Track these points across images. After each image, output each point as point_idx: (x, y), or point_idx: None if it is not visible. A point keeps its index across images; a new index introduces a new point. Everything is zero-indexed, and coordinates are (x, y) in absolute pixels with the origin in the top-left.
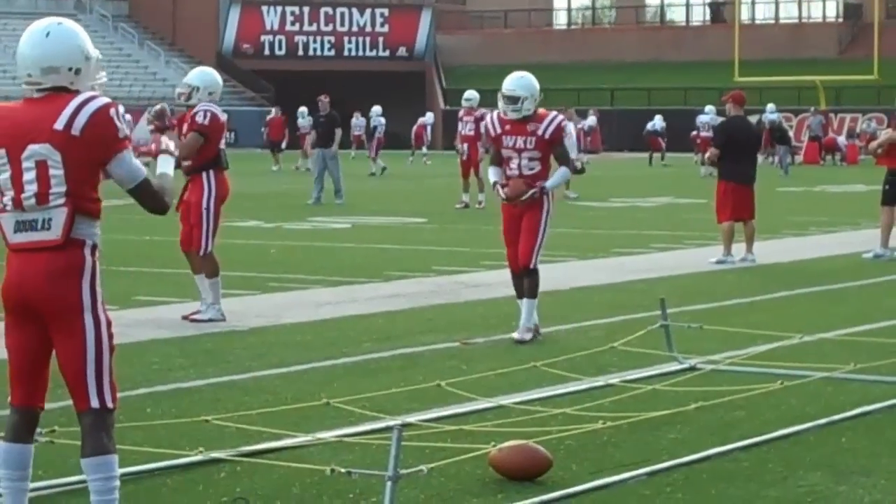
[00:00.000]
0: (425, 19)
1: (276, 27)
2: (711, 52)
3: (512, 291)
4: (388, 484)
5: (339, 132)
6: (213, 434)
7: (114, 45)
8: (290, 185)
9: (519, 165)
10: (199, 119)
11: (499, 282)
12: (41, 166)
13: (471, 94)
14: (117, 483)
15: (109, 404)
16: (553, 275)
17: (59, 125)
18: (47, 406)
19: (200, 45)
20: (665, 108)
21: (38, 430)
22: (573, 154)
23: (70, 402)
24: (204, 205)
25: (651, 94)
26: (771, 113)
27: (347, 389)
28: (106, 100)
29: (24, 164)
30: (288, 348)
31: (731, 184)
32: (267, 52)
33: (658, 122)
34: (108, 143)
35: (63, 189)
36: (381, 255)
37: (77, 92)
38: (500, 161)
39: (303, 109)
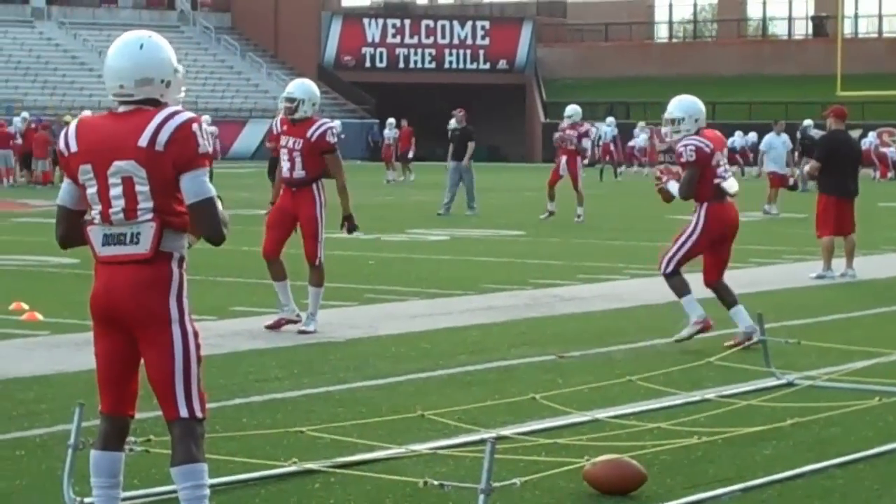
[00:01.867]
0: (526, 32)
1: (377, 39)
2: (813, 66)
3: (609, 305)
4: (481, 497)
5: (471, 145)
6: (307, 445)
7: (216, 56)
8: (390, 197)
9: None
10: (330, 139)
11: (594, 295)
12: (127, 182)
13: (572, 110)
14: (206, 492)
15: (198, 414)
16: (649, 288)
17: (143, 142)
18: (142, 415)
19: (302, 57)
20: (767, 121)
21: (133, 439)
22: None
23: (158, 412)
24: (318, 216)
25: (752, 108)
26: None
27: (441, 402)
28: (189, 114)
29: (111, 180)
30: (383, 360)
31: (833, 198)
32: (368, 64)
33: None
34: (188, 157)
35: (150, 205)
36: (478, 267)
37: (162, 106)
38: None
39: (391, 121)
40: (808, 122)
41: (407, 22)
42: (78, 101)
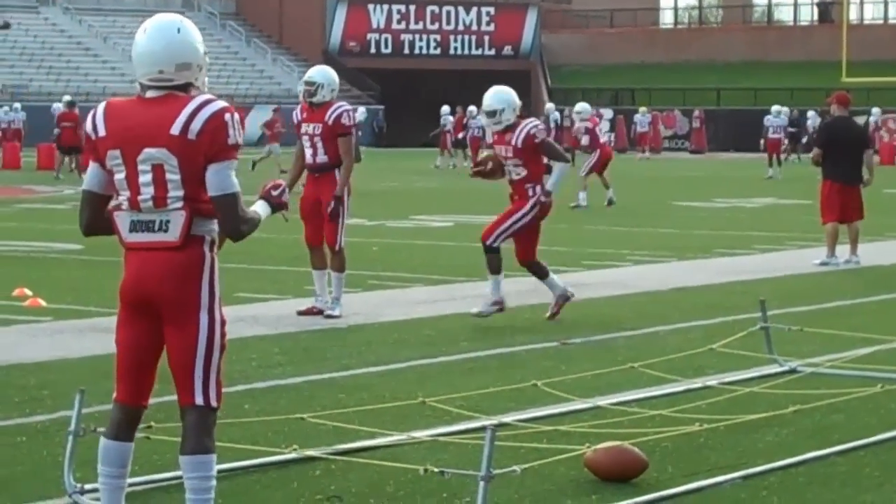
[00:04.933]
0: (531, 18)
1: (382, 25)
2: (818, 52)
3: (612, 291)
4: (481, 484)
5: None
6: (309, 432)
7: (221, 42)
8: (394, 183)
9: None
10: (345, 122)
11: (599, 282)
12: (157, 170)
13: (582, 107)
14: (214, 483)
15: (213, 403)
16: (652, 275)
17: (176, 130)
18: None
19: (307, 43)
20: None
21: None
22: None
23: (168, 398)
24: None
25: (757, 94)
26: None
27: (443, 388)
28: (223, 103)
29: (140, 167)
30: (385, 346)
31: (836, 184)
32: (373, 50)
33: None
34: (217, 147)
35: (181, 193)
36: (481, 253)
37: (195, 92)
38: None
39: (445, 108)
40: (775, 108)
41: (412, 8)
42: (83, 87)
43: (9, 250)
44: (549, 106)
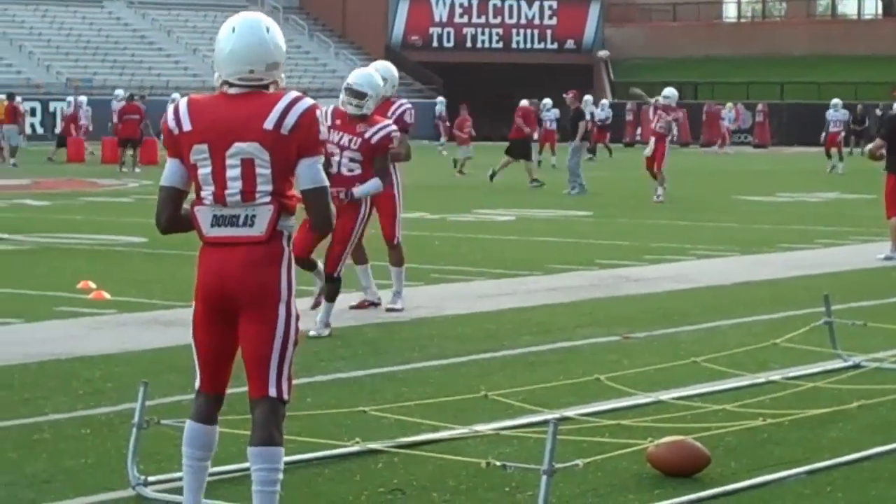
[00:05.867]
0: (594, 12)
1: (444, 19)
2: (883, 46)
3: (674, 285)
4: (544, 478)
5: (582, 124)
6: (372, 425)
7: (284, 36)
8: (455, 178)
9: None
10: (408, 119)
11: (661, 276)
12: (247, 164)
13: (670, 91)
14: (281, 476)
15: (285, 395)
16: (715, 269)
17: (269, 124)
18: None
19: (369, 37)
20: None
21: None
22: None
23: (232, 390)
24: (394, 194)
25: (821, 88)
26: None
27: (506, 382)
28: (312, 101)
29: (229, 161)
30: (447, 340)
31: None
32: (435, 44)
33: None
34: (310, 143)
35: (269, 188)
36: (544, 247)
37: (279, 89)
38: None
39: (547, 101)
40: (834, 101)
41: (475, 2)
42: (147, 80)
43: (74, 243)
44: (588, 98)
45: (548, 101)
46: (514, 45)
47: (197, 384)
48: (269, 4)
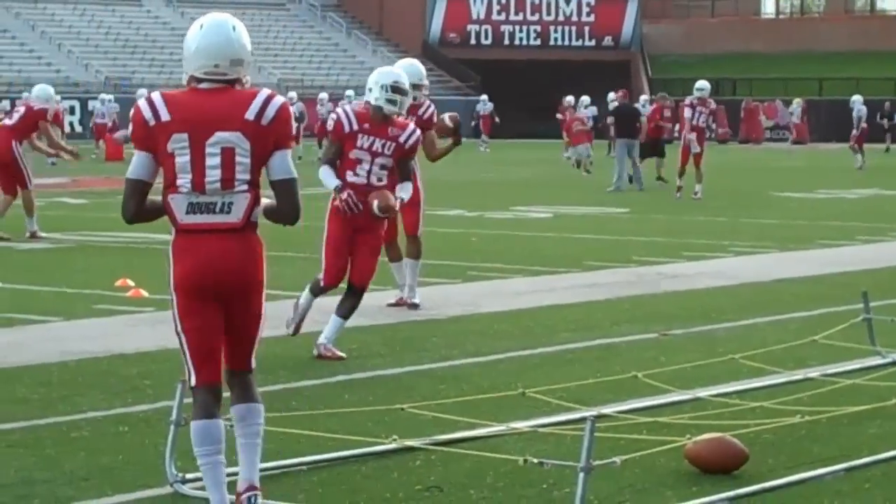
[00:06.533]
0: (631, 8)
1: (482, 16)
2: None
3: (712, 282)
4: (581, 475)
5: (643, 122)
6: (409, 422)
7: (322, 34)
8: (494, 174)
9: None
10: (435, 121)
11: (698, 273)
12: (227, 153)
13: (703, 84)
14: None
15: (254, 365)
16: (753, 266)
17: (251, 115)
18: None
19: (407, 35)
20: (875, 98)
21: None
22: None
23: (266, 388)
24: (417, 187)
25: (860, 83)
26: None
27: (543, 379)
28: (284, 98)
29: (209, 150)
30: (485, 337)
31: None
32: (473, 41)
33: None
34: (285, 136)
35: (248, 177)
36: (581, 244)
37: (254, 87)
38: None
39: (584, 98)
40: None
41: None
42: (185, 78)
43: (112, 241)
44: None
45: (585, 98)
46: (551, 42)
47: (193, 381)
48: (306, 2)
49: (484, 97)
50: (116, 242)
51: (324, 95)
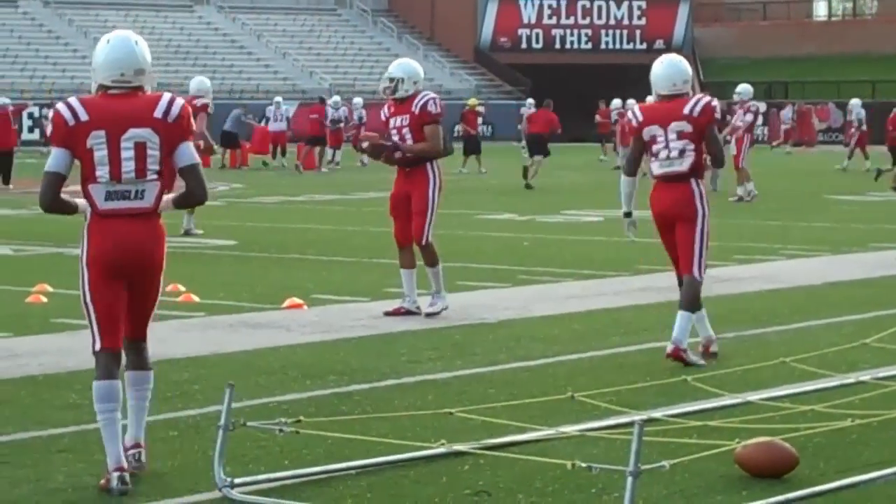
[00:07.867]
0: (683, 12)
1: (533, 20)
2: None
3: (764, 285)
4: (629, 479)
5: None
6: (458, 426)
7: (373, 39)
8: (545, 179)
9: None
10: (432, 109)
11: (749, 276)
12: (139, 147)
13: (742, 88)
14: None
15: (148, 334)
16: (805, 269)
17: (159, 114)
18: (292, 397)
19: (458, 40)
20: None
21: (285, 420)
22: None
23: (317, 392)
24: (430, 195)
25: None
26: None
27: (593, 383)
28: (183, 99)
29: (123, 144)
30: (535, 341)
31: None
32: (524, 45)
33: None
34: (188, 130)
35: (157, 168)
36: (632, 248)
37: (157, 92)
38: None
39: (631, 102)
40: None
41: (563, 3)
42: (237, 84)
43: None
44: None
45: (632, 102)
46: (602, 46)
47: (98, 346)
48: (357, 7)
49: (530, 101)
50: (168, 247)
51: (358, 100)
